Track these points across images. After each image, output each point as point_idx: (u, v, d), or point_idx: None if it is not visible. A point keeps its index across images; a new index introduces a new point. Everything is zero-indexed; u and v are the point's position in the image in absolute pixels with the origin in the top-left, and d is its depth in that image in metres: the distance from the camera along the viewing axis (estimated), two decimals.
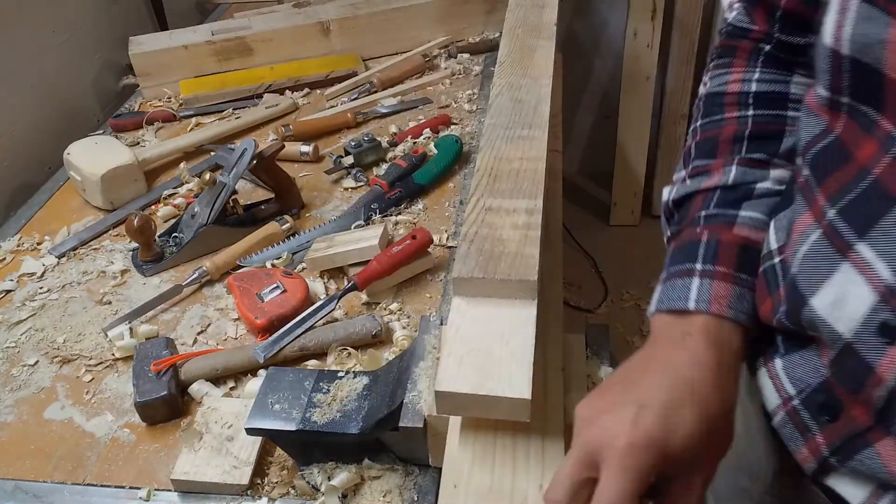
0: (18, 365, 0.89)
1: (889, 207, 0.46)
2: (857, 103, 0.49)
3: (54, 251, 1.06)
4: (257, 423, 0.68)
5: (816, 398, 0.54)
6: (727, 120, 0.64)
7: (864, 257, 0.47)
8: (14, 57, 1.27)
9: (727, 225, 0.59)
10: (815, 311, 0.51)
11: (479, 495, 0.57)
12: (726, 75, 0.67)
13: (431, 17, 1.52)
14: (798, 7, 0.61)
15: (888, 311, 0.46)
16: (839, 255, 0.49)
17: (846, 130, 0.50)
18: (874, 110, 0.48)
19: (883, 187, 0.46)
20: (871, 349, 0.48)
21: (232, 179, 1.03)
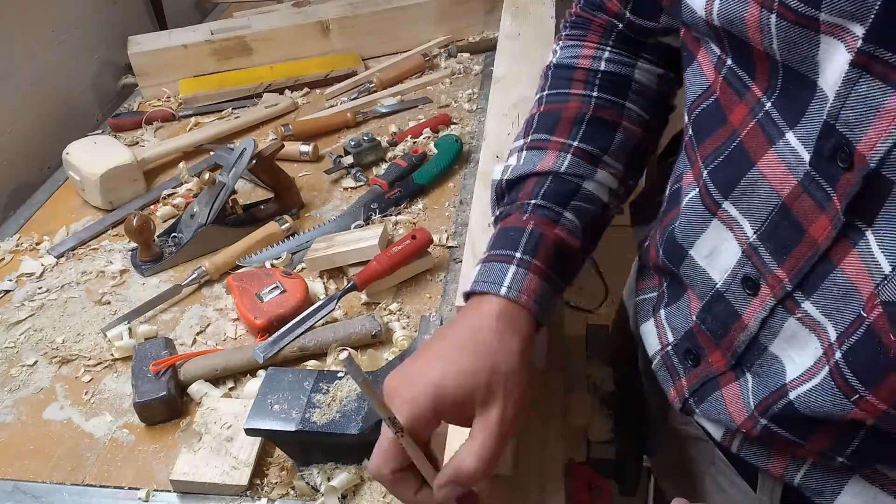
0: (17, 365, 0.89)
1: (748, 168, 0.51)
2: (735, 66, 0.52)
3: (53, 251, 1.06)
4: (257, 423, 0.68)
5: (684, 344, 0.62)
6: (572, 96, 0.67)
7: (731, 215, 0.53)
8: (13, 56, 1.27)
9: (552, 222, 0.61)
10: (693, 261, 0.58)
11: (479, 495, 0.57)
12: (578, 48, 0.69)
13: (431, 17, 1.51)
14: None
15: (750, 266, 0.52)
16: (710, 214, 0.55)
17: (724, 93, 0.54)
18: (748, 76, 0.51)
19: (745, 150, 0.51)
20: (737, 298, 0.54)
21: (231, 179, 1.03)
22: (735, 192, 0.52)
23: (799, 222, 0.48)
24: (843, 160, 0.43)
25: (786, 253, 0.49)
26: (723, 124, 0.54)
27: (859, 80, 0.41)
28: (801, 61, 0.45)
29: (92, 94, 1.48)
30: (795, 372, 0.51)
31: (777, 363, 0.53)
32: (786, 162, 0.48)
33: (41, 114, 1.33)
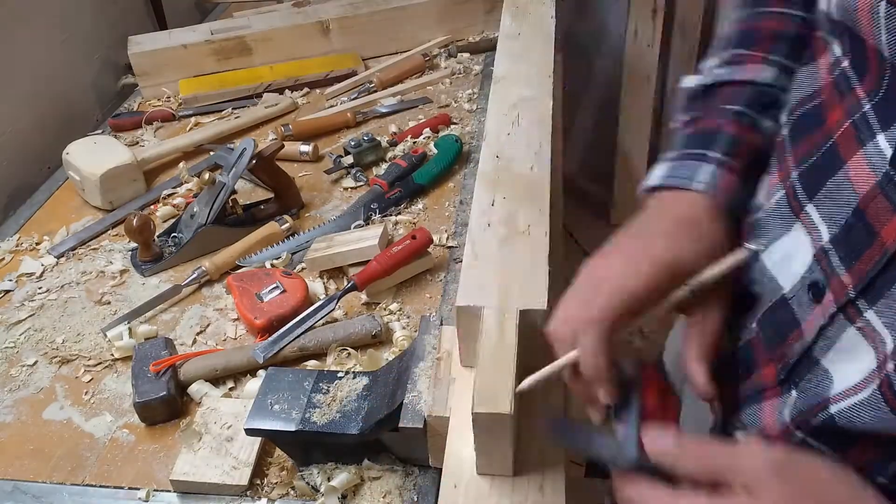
0: (17, 365, 0.89)
1: (836, 170, 0.49)
2: (849, 68, 0.51)
3: (53, 251, 1.06)
4: (257, 423, 0.68)
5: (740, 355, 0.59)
6: (773, 14, 0.65)
7: (812, 219, 0.51)
8: (13, 56, 1.27)
9: (751, 127, 0.60)
10: (764, 265, 0.56)
11: (479, 495, 0.57)
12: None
13: (431, 17, 1.51)
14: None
15: (819, 272, 0.50)
16: (793, 216, 0.53)
17: (829, 95, 0.53)
18: (857, 77, 0.50)
19: (838, 152, 0.50)
20: (801, 305, 0.52)
21: (231, 179, 1.03)
22: (819, 195, 0.51)
23: (872, 224, 0.46)
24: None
25: (855, 258, 0.47)
26: (819, 126, 0.53)
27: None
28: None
29: (92, 94, 1.48)
30: (843, 385, 0.48)
31: (825, 378, 0.50)
32: (870, 163, 0.46)
33: (41, 114, 1.33)
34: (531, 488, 0.60)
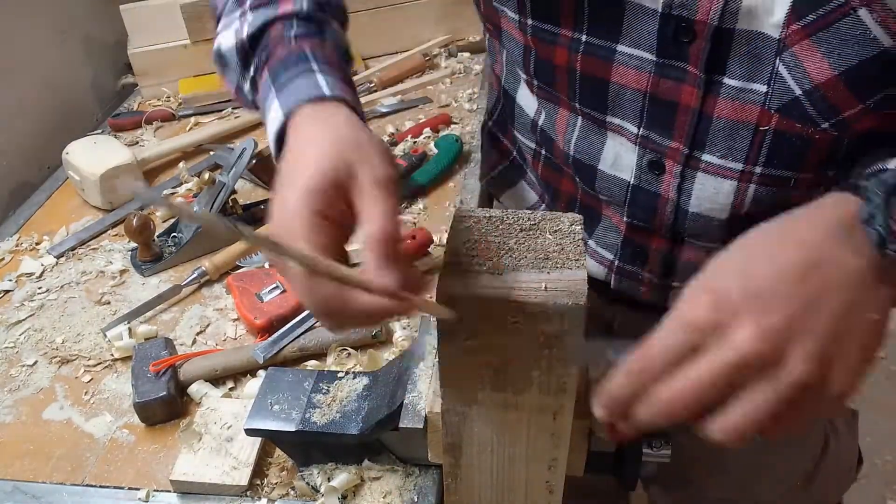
0: (17, 365, 0.88)
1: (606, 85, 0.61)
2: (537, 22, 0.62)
3: (53, 251, 1.06)
4: (257, 423, 0.68)
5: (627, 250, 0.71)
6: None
7: (615, 123, 0.64)
8: (13, 56, 1.27)
9: (320, 41, 0.60)
10: (604, 173, 0.67)
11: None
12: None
13: (432, 16, 1.51)
14: None
15: (650, 152, 0.63)
16: (602, 129, 0.65)
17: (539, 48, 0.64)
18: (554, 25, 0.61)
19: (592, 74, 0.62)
20: (651, 182, 0.64)
21: (231, 179, 1.03)
22: (609, 106, 0.63)
23: (669, 100, 0.58)
24: (685, 35, 0.54)
25: (671, 126, 0.60)
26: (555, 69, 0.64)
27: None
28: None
29: (92, 94, 1.48)
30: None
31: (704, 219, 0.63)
32: (631, 66, 0.59)
33: (41, 113, 1.33)
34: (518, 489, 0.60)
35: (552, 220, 0.54)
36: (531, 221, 0.54)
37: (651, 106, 0.60)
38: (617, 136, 0.65)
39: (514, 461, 0.59)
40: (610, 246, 0.73)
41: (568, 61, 0.62)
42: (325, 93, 0.53)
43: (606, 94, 0.62)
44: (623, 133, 0.64)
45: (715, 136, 0.58)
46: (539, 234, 0.53)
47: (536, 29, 0.63)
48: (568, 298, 0.48)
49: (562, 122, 0.68)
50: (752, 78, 0.54)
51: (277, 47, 0.59)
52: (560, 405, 0.54)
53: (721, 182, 0.61)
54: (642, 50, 0.58)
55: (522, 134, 0.77)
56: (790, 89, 0.53)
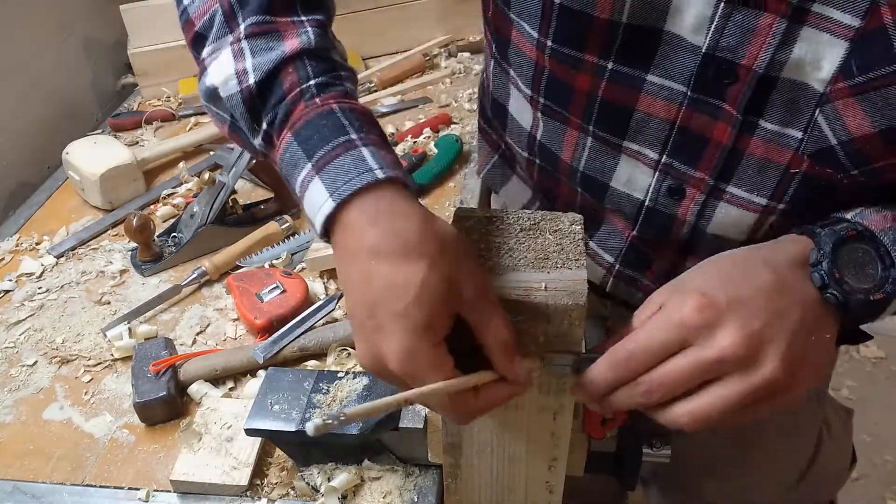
0: (17, 365, 0.88)
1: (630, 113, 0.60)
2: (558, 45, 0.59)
3: (53, 251, 1.06)
4: (257, 423, 0.68)
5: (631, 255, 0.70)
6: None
7: (633, 149, 0.62)
8: (13, 56, 1.27)
9: (344, 95, 0.54)
10: (616, 189, 0.66)
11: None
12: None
13: (432, 16, 1.51)
14: None
15: (670, 179, 0.62)
16: (615, 152, 0.64)
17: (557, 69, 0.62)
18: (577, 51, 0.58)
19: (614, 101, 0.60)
20: (667, 206, 0.63)
21: (231, 179, 1.03)
22: (630, 133, 0.61)
23: (700, 134, 0.58)
24: (726, 77, 0.54)
25: (698, 158, 0.59)
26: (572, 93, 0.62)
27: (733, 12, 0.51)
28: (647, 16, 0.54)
29: (92, 94, 1.48)
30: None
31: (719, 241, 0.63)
32: (661, 97, 0.58)
33: (41, 113, 1.33)
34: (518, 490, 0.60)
35: (552, 219, 0.54)
36: (531, 221, 0.54)
37: (679, 136, 0.59)
38: (632, 159, 0.63)
39: (514, 461, 0.59)
40: (612, 249, 0.72)
41: (590, 87, 0.60)
42: (378, 176, 0.48)
43: (629, 121, 0.61)
44: (640, 158, 0.63)
45: (744, 171, 0.58)
46: (539, 234, 0.53)
47: (557, 52, 0.60)
48: (568, 298, 0.48)
49: (570, 141, 0.67)
50: (789, 123, 0.54)
51: (298, 105, 0.53)
52: (560, 405, 0.54)
53: (743, 213, 0.60)
54: (674, 81, 0.57)
55: (514, 140, 0.76)
56: (826, 138, 0.52)
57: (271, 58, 0.54)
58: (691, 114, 0.57)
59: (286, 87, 0.53)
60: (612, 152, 0.64)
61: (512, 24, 0.63)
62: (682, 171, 0.61)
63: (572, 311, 0.49)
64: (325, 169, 0.49)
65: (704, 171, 0.60)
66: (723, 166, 0.59)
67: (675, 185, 0.62)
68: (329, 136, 0.50)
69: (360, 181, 0.47)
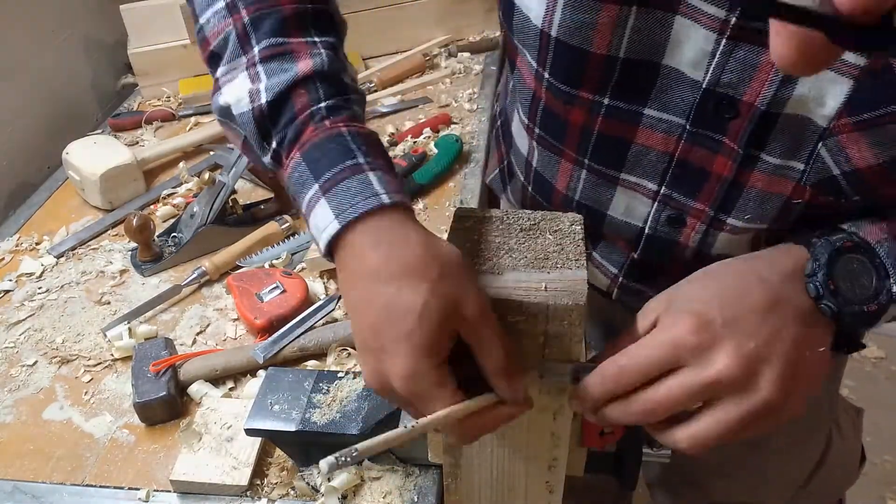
0: (17, 365, 0.88)
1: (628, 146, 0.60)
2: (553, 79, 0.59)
3: (53, 251, 1.06)
4: (257, 423, 0.68)
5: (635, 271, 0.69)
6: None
7: (630, 181, 0.62)
8: (13, 56, 1.27)
9: (353, 118, 0.55)
10: (614, 218, 0.66)
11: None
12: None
13: (431, 16, 1.51)
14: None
15: (669, 209, 0.62)
16: (612, 185, 0.63)
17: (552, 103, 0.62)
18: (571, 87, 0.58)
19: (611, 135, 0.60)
20: (668, 233, 0.63)
21: (231, 179, 1.03)
22: (627, 165, 0.61)
23: (700, 166, 0.57)
24: (727, 112, 0.53)
25: (698, 190, 0.59)
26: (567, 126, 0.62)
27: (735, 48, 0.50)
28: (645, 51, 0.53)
29: (92, 94, 1.48)
30: None
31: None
32: (659, 130, 0.57)
33: (41, 113, 1.33)
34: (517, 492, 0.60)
35: (552, 219, 0.54)
36: (531, 221, 0.54)
37: (678, 169, 0.59)
38: (630, 190, 0.63)
39: (514, 461, 0.59)
40: (615, 262, 0.72)
41: (585, 122, 0.60)
42: (384, 201, 0.48)
43: (626, 154, 0.60)
44: (639, 189, 0.62)
45: (745, 203, 0.58)
46: (539, 234, 0.53)
47: (553, 86, 0.59)
48: (568, 298, 0.48)
49: (565, 172, 0.66)
50: (792, 156, 0.53)
51: (308, 126, 0.53)
52: (560, 405, 0.54)
53: (744, 237, 0.61)
54: (673, 115, 0.56)
55: (516, 163, 0.76)
56: (828, 169, 0.52)
57: (284, 79, 0.54)
58: (691, 147, 0.57)
59: (297, 109, 0.54)
60: (609, 184, 0.64)
61: (517, 49, 0.63)
62: (681, 202, 0.61)
63: (572, 311, 0.49)
64: (332, 191, 0.50)
65: (705, 202, 0.59)
66: (723, 198, 0.58)
67: (675, 214, 0.62)
68: (337, 158, 0.51)
69: (365, 205, 0.48)
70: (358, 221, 0.48)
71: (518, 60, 0.64)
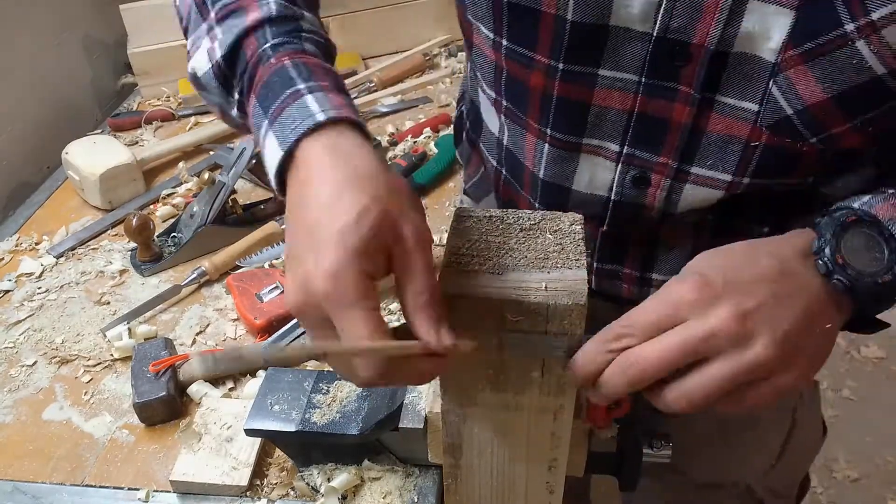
0: (17, 365, 0.88)
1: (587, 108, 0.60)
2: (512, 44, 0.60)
3: (53, 251, 1.06)
4: (256, 424, 0.68)
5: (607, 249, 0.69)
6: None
7: (593, 144, 0.62)
8: (12, 56, 1.27)
9: (301, 52, 0.55)
10: (580, 192, 0.65)
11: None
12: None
13: (431, 16, 1.51)
14: None
15: (634, 168, 0.62)
16: (574, 153, 0.63)
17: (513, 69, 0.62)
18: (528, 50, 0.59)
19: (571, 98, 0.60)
20: (635, 196, 0.63)
21: (231, 179, 1.03)
22: (588, 129, 0.61)
23: (660, 118, 0.58)
24: (679, 59, 0.54)
25: (660, 143, 0.59)
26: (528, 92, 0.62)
27: None
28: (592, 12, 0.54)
29: (92, 94, 1.48)
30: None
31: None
32: (615, 88, 0.58)
33: (40, 113, 1.33)
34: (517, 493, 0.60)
35: (552, 219, 0.54)
36: (531, 221, 0.54)
37: (638, 124, 0.60)
38: (592, 156, 0.64)
39: (514, 461, 0.59)
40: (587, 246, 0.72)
41: (544, 86, 0.61)
42: (318, 119, 0.48)
43: (586, 117, 0.61)
44: (602, 153, 0.63)
45: (705, 150, 0.59)
46: (539, 234, 0.53)
47: (511, 51, 0.61)
48: (568, 298, 0.48)
49: (530, 147, 0.67)
50: (745, 97, 0.55)
51: (258, 67, 0.55)
52: (560, 405, 0.54)
53: (710, 191, 0.61)
54: (627, 72, 0.57)
55: (487, 149, 0.77)
56: (782, 109, 0.53)
57: (235, 32, 0.57)
58: (648, 100, 0.58)
59: (248, 56, 0.56)
60: (571, 154, 0.64)
61: (472, 27, 0.64)
62: (645, 158, 0.61)
63: (572, 310, 0.48)
64: (276, 122, 0.50)
65: (667, 155, 0.60)
66: (685, 147, 0.59)
67: (640, 174, 0.62)
68: (279, 90, 0.52)
69: (302, 127, 0.48)
70: (298, 144, 0.48)
71: (475, 38, 0.65)
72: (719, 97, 0.55)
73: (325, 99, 0.50)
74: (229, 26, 0.58)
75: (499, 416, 0.55)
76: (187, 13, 0.62)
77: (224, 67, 0.57)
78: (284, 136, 0.49)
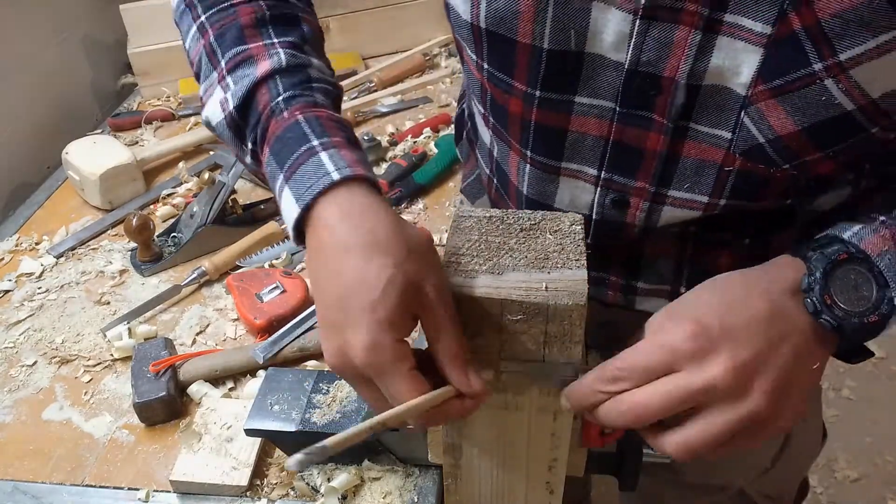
0: (17, 365, 0.88)
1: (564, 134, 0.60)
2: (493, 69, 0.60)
3: (53, 251, 1.06)
4: (256, 424, 0.68)
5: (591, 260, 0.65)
6: (238, 6, 0.62)
7: (572, 169, 0.63)
8: (12, 56, 1.27)
9: (312, 105, 0.57)
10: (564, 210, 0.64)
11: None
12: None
13: (431, 16, 1.51)
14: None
15: (612, 192, 0.62)
16: (554, 175, 0.64)
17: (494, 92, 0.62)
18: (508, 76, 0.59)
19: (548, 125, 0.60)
20: (614, 215, 0.64)
21: (231, 179, 1.03)
22: (566, 153, 0.62)
23: (635, 146, 0.58)
24: (652, 89, 0.54)
25: (636, 169, 0.60)
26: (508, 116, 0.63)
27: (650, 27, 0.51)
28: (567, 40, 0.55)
29: (92, 94, 1.48)
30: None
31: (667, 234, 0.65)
32: (591, 115, 0.58)
33: (40, 113, 1.33)
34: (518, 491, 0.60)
35: (552, 220, 0.54)
36: (531, 221, 0.54)
37: (614, 151, 0.60)
38: (572, 179, 0.64)
39: (514, 461, 0.59)
40: None
41: (523, 113, 0.61)
42: (334, 178, 0.50)
43: (564, 142, 0.61)
44: (580, 177, 0.63)
45: (682, 174, 0.59)
46: (539, 234, 0.53)
47: (492, 75, 0.61)
48: (568, 298, 0.48)
49: (513, 165, 0.68)
50: (718, 125, 0.55)
51: (271, 121, 0.57)
52: (560, 405, 0.54)
53: (688, 212, 0.62)
54: (603, 99, 0.58)
55: (481, 156, 0.77)
56: (754, 137, 0.54)
57: (246, 84, 0.58)
58: (623, 128, 0.58)
59: (260, 108, 0.58)
60: (551, 175, 0.64)
61: (460, 43, 0.65)
62: (622, 183, 0.62)
63: (573, 311, 0.49)
64: (292, 178, 0.52)
65: (644, 180, 0.60)
66: (661, 172, 0.59)
67: (618, 197, 0.63)
68: (294, 146, 0.53)
69: (318, 186, 0.50)
70: (315, 202, 0.50)
71: (464, 55, 0.65)
72: (693, 125, 0.56)
73: (339, 156, 0.52)
74: (240, 77, 0.59)
75: (499, 416, 0.55)
76: (198, 60, 0.63)
77: (237, 118, 0.59)
78: (300, 193, 0.51)
